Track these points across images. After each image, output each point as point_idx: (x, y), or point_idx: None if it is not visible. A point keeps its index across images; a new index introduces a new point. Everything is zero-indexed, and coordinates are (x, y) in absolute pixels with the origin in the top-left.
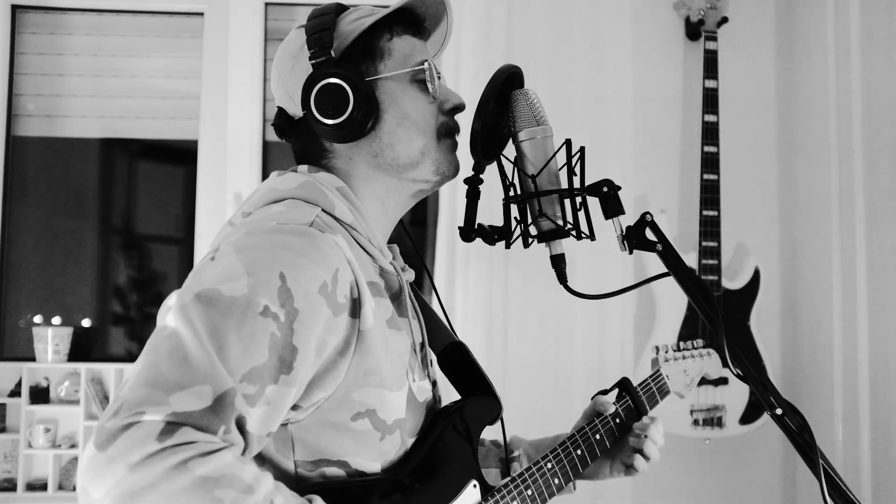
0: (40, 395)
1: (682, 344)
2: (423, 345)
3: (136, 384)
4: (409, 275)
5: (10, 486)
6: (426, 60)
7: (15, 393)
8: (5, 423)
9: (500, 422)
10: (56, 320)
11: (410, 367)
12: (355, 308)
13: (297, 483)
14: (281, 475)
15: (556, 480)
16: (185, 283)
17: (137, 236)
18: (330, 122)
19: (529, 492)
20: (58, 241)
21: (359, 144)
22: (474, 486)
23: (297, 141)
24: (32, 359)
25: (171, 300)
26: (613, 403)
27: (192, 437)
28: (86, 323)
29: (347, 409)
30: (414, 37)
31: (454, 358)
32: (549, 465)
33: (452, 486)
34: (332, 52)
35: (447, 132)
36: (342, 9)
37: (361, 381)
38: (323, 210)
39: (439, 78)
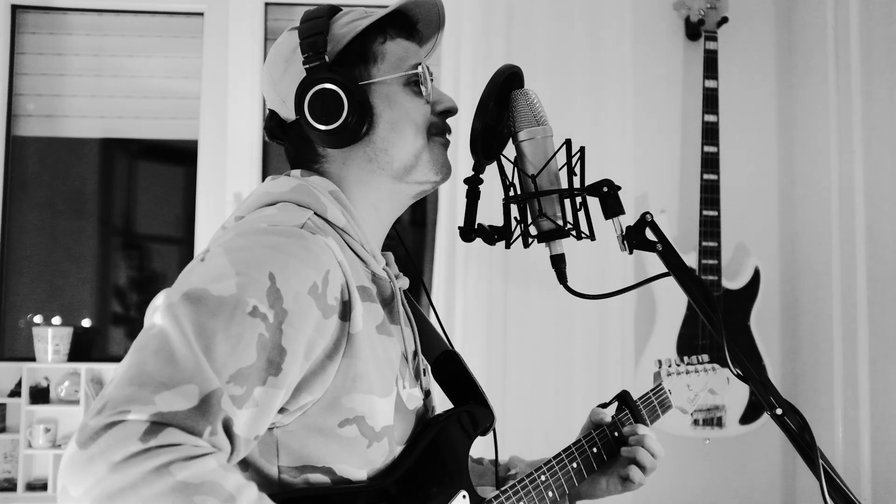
0: (40, 395)
1: (686, 358)
2: (415, 353)
3: (121, 383)
4: (403, 282)
5: (10, 486)
6: (419, 64)
7: (15, 393)
8: (5, 423)
9: (492, 432)
10: (56, 320)
11: (401, 374)
12: (345, 311)
13: (280, 489)
14: (264, 480)
15: (550, 493)
16: (175, 283)
17: (137, 236)
18: (324, 127)
19: None
20: (58, 241)
21: (353, 149)
22: (463, 496)
23: (289, 145)
24: (32, 359)
25: (159, 299)
26: (612, 416)
27: (176, 439)
28: (86, 323)
29: (336, 414)
30: (407, 40)
31: (447, 367)
32: (543, 478)
33: (441, 496)
34: (326, 57)
35: (438, 132)
36: (335, 11)
37: (350, 387)
38: (315, 213)
39: (431, 80)
